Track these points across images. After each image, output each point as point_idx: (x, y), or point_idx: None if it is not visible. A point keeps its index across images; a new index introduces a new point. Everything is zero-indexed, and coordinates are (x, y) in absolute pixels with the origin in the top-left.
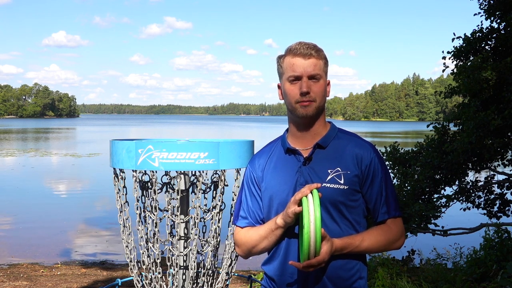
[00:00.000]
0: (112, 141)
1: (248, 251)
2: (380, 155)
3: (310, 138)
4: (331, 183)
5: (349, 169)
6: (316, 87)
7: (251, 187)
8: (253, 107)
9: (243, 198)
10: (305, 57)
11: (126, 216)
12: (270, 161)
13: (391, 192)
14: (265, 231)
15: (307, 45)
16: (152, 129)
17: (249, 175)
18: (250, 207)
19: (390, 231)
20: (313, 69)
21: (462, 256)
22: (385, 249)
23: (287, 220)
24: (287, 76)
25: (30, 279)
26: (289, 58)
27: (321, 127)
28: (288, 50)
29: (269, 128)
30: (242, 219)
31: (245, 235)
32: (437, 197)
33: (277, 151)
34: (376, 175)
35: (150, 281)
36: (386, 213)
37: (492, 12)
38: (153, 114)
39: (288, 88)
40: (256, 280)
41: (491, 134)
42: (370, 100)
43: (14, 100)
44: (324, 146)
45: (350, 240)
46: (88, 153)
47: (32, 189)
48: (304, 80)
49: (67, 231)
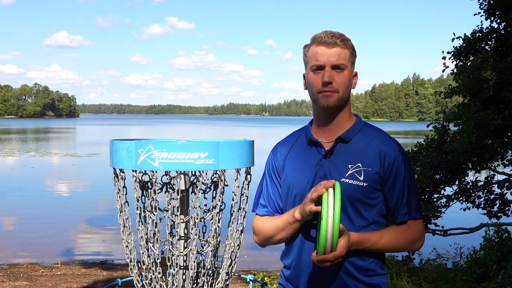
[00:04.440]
0: (112, 141)
1: (265, 241)
2: (405, 154)
3: (333, 131)
4: (350, 178)
5: (371, 166)
6: (339, 78)
7: (272, 176)
8: (253, 107)
9: (264, 186)
10: (329, 46)
11: (126, 216)
12: (292, 151)
13: (414, 193)
14: (282, 223)
15: (333, 33)
16: (152, 129)
17: (271, 163)
18: (271, 195)
19: (410, 232)
20: (337, 59)
21: (462, 256)
22: (404, 249)
23: (304, 215)
24: (310, 65)
25: (30, 279)
26: (313, 47)
27: (345, 120)
28: (313, 38)
29: (269, 128)
30: (261, 207)
31: (263, 224)
32: (437, 197)
33: (300, 141)
34: (399, 174)
35: (150, 281)
36: (407, 214)
37: (492, 12)
38: (153, 114)
39: (311, 78)
40: (256, 280)
41: (491, 134)
42: (370, 100)
43: (14, 100)
44: (347, 140)
45: (368, 235)
46: (88, 153)
47: (32, 189)
48: (327, 70)
49: (67, 231)
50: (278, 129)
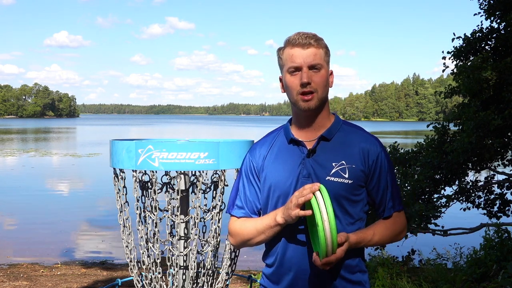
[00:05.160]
0: (112, 141)
1: (242, 243)
2: (386, 150)
3: (314, 130)
4: (335, 176)
5: (355, 163)
6: (317, 77)
7: (249, 176)
8: (253, 107)
9: (240, 186)
10: (304, 47)
11: (126, 216)
12: (272, 151)
13: (396, 186)
14: (262, 226)
15: (306, 34)
16: (152, 129)
17: (249, 164)
18: (248, 196)
19: (396, 225)
20: (313, 59)
21: (462, 256)
22: (391, 241)
23: (289, 220)
24: (287, 67)
25: (30, 279)
26: (288, 49)
27: (325, 119)
28: (286, 41)
29: (269, 128)
30: (238, 208)
31: (241, 227)
32: (437, 197)
33: (279, 141)
34: (383, 170)
35: (150, 281)
36: (392, 208)
37: (492, 12)
38: (153, 114)
39: (289, 80)
40: (256, 280)
41: (491, 134)
42: (370, 100)
43: (14, 100)
44: (329, 138)
45: (363, 235)
46: (88, 153)
47: (32, 189)
48: (304, 71)
49: (67, 231)
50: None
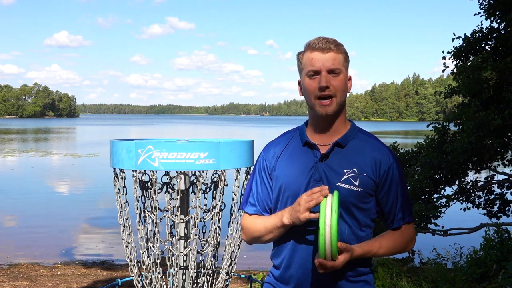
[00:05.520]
0: (112, 141)
1: (252, 239)
2: (398, 160)
3: (329, 135)
4: (346, 183)
5: (366, 172)
6: (335, 82)
7: (262, 175)
8: (253, 107)
9: (254, 184)
10: (324, 51)
11: (126, 216)
12: (286, 151)
13: (407, 198)
14: (271, 226)
15: (326, 39)
16: (152, 129)
17: (262, 163)
18: (260, 194)
19: (404, 237)
20: (332, 63)
21: (462, 256)
22: (398, 253)
23: (296, 222)
24: (306, 71)
25: (30, 279)
26: (308, 53)
27: (341, 125)
28: (307, 45)
29: (269, 128)
30: (250, 205)
31: (251, 223)
32: (437, 197)
33: (294, 142)
34: (394, 181)
35: (150, 281)
36: (401, 219)
37: (492, 12)
38: (153, 114)
39: (307, 83)
40: (256, 280)
41: (491, 134)
42: (370, 100)
43: (14, 100)
44: (343, 145)
45: (369, 248)
46: (88, 153)
47: (32, 189)
48: (323, 75)
49: (67, 231)
50: (278, 129)
